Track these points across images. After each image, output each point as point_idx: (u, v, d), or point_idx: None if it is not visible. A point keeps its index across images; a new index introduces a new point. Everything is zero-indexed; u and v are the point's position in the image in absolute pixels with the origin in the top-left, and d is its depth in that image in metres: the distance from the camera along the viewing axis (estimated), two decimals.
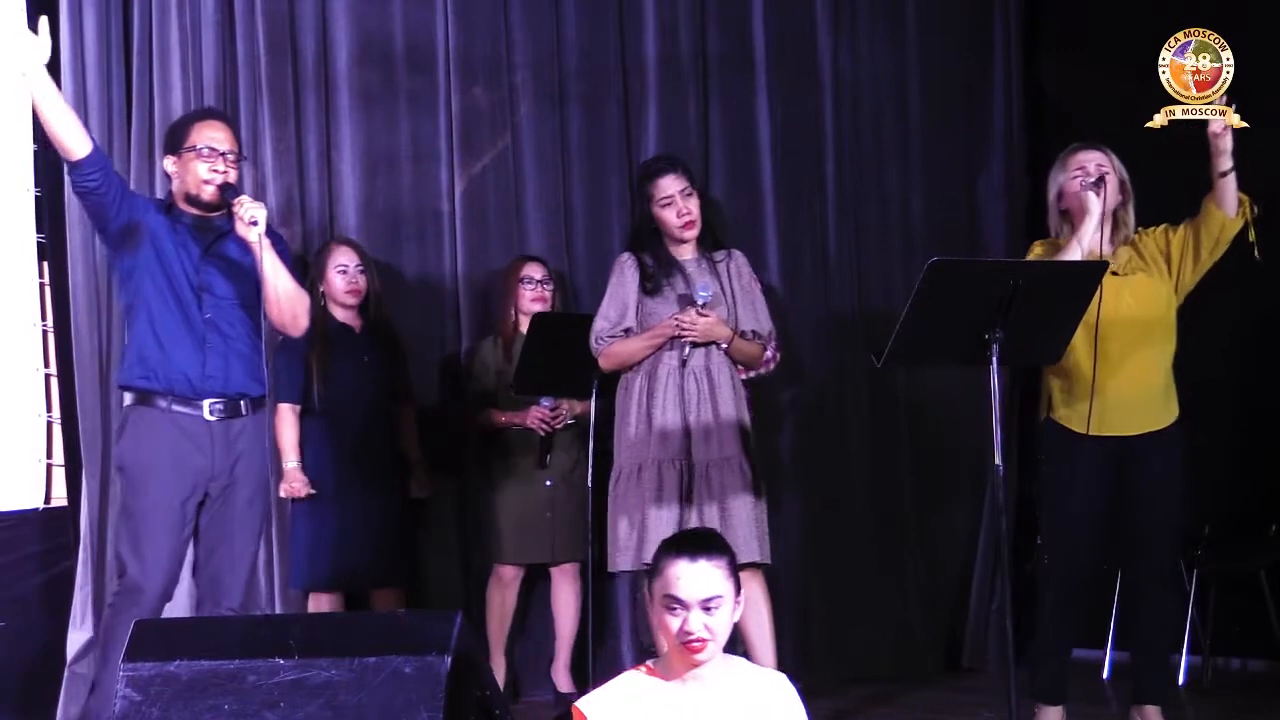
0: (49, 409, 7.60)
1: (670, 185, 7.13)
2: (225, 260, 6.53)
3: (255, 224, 6.27)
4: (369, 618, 7.25)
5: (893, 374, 8.66)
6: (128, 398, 6.62)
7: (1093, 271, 6.62)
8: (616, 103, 8.75)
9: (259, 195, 8.02)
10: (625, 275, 7.16)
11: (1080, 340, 6.72)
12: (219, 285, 6.50)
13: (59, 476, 7.67)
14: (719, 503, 6.94)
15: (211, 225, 6.56)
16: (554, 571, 8.16)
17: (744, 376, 7.37)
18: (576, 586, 8.08)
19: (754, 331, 7.16)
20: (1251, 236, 6.85)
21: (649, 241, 7.18)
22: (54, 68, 7.59)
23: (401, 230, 8.39)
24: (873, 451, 8.94)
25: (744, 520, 6.96)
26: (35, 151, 7.69)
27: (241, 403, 6.53)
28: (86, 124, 7.46)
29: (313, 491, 7.72)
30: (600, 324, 7.14)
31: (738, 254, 7.29)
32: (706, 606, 4.26)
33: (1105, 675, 8.39)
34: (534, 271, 8.14)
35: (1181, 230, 6.87)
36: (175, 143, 6.58)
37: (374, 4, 8.37)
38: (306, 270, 7.90)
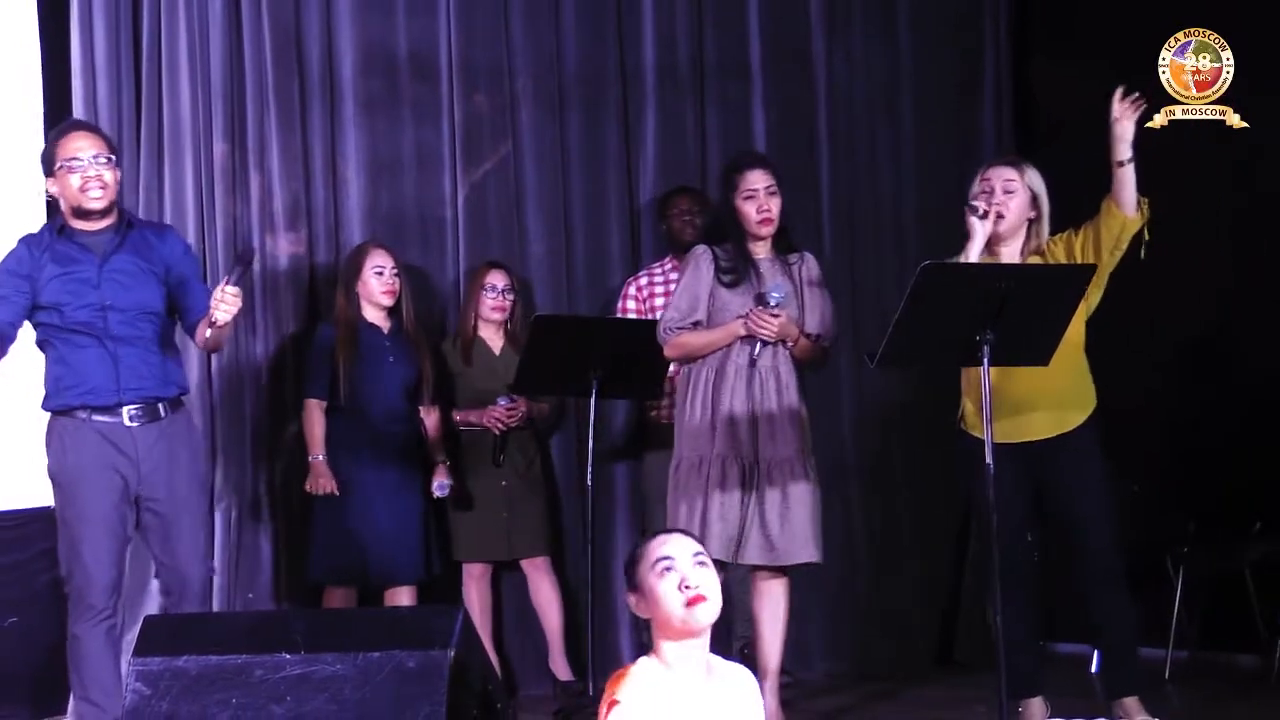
0: None
1: (757, 180, 7.11)
2: (123, 272, 6.55)
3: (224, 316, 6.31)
4: (373, 613, 7.25)
5: (887, 373, 8.64)
6: (48, 415, 6.66)
7: (1081, 275, 6.61)
8: (615, 110, 8.75)
9: (266, 201, 8.04)
10: (700, 268, 7.15)
11: None
12: (121, 298, 6.52)
13: None
14: (780, 500, 6.96)
15: (104, 238, 6.59)
16: (527, 567, 8.14)
17: None
18: (552, 578, 8.12)
19: (818, 334, 7.15)
20: (1147, 236, 6.81)
21: (729, 233, 7.15)
22: (64, 73, 7.65)
23: (405, 234, 8.37)
24: (867, 450, 8.96)
25: (802, 520, 7.01)
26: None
27: (159, 406, 6.57)
28: (96, 127, 7.51)
29: (334, 490, 7.70)
30: (671, 314, 7.13)
31: (809, 257, 7.29)
32: (697, 561, 4.24)
33: (1094, 669, 8.36)
34: (497, 280, 8.14)
35: (1083, 232, 6.83)
36: (48, 164, 6.60)
37: (378, 14, 8.36)
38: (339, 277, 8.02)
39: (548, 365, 7.60)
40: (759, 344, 7.00)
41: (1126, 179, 6.69)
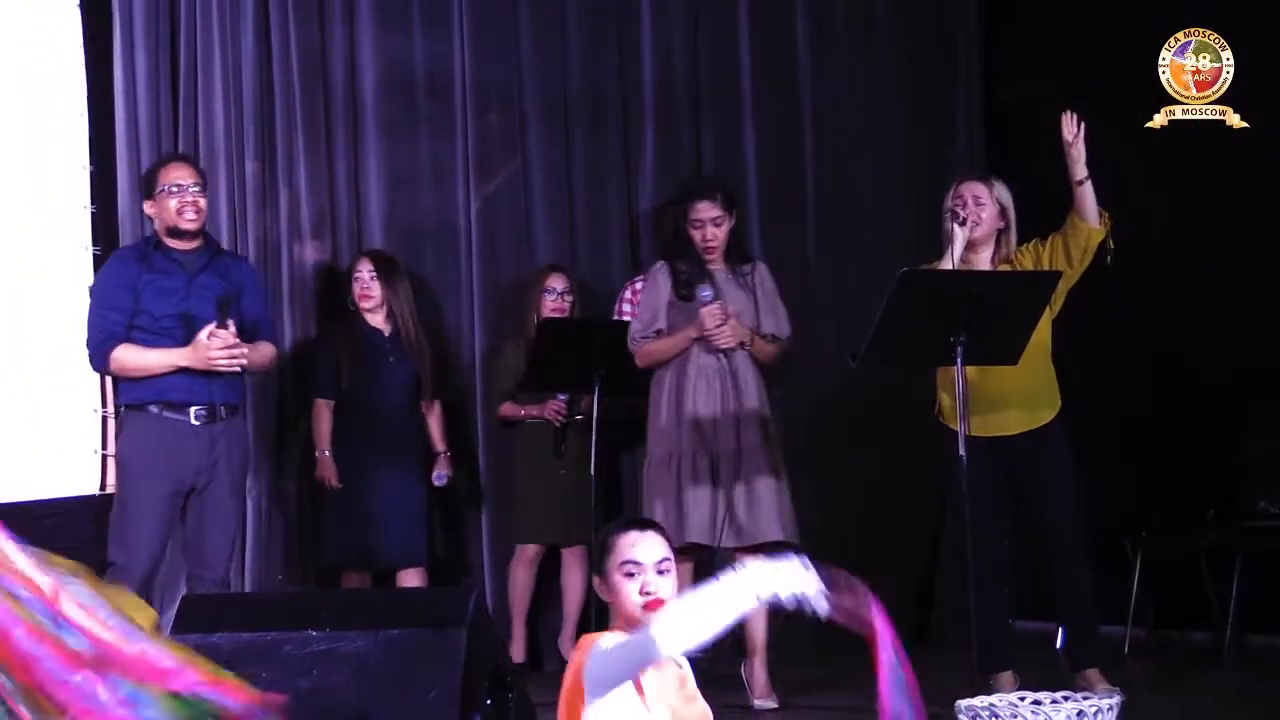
0: (104, 404, 7.63)
1: (704, 210, 7.21)
2: (207, 289, 6.85)
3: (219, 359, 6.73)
4: (393, 594, 7.33)
5: (868, 372, 8.67)
6: (123, 407, 6.97)
7: (1047, 280, 6.67)
8: (616, 127, 8.80)
9: (294, 213, 8.12)
10: (658, 282, 7.28)
11: None
12: (202, 310, 6.80)
13: (112, 467, 7.69)
14: (746, 489, 7.02)
15: (194, 257, 6.92)
16: (565, 553, 8.21)
17: None
18: (584, 567, 8.12)
19: (774, 335, 7.22)
20: (1111, 245, 6.86)
21: (683, 251, 7.23)
22: (108, 98, 7.69)
23: (422, 243, 8.42)
24: (850, 440, 8.98)
25: (768, 503, 7.08)
26: (90, 171, 7.72)
27: (221, 409, 6.84)
28: (138, 147, 7.62)
29: (337, 485, 7.79)
30: (636, 326, 7.27)
31: (761, 265, 7.41)
32: (660, 569, 4.27)
33: (1059, 645, 8.40)
34: (556, 283, 8.20)
35: (1050, 243, 6.90)
36: (149, 188, 6.95)
37: (397, 38, 8.40)
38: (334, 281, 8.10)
39: (554, 365, 7.69)
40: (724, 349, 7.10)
41: (1086, 195, 6.77)
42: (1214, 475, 8.50)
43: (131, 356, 6.80)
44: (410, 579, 7.87)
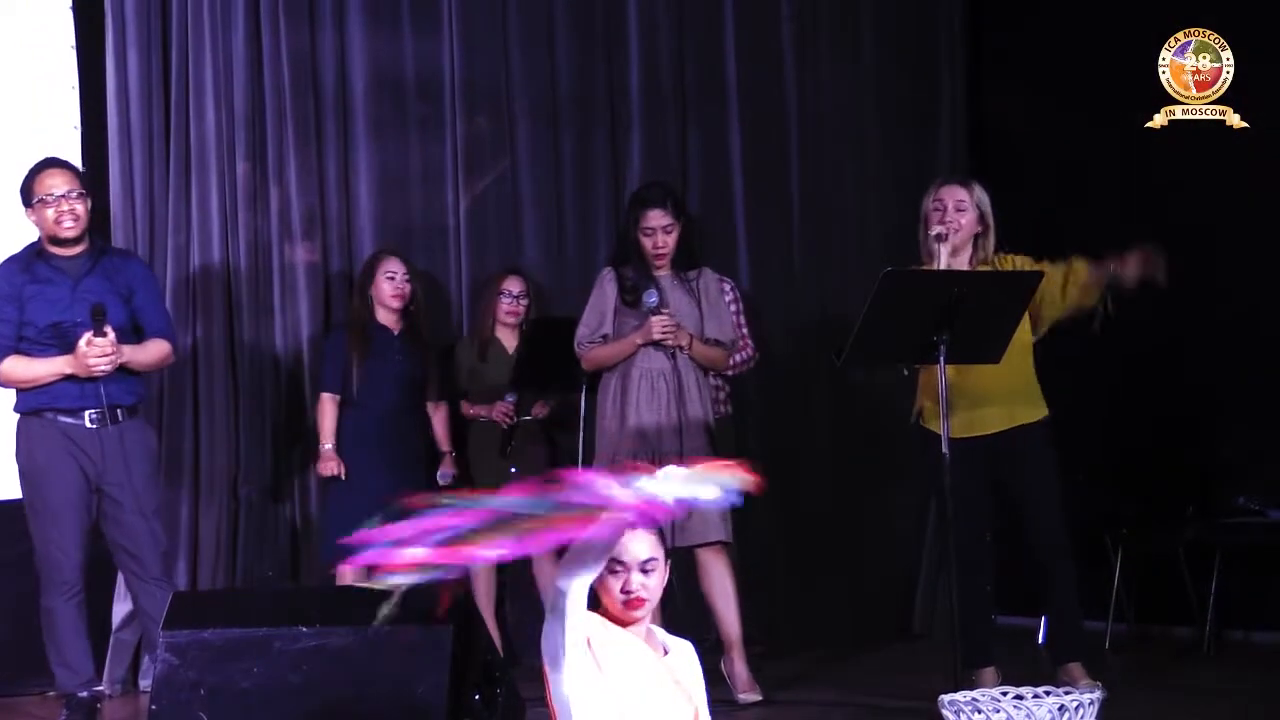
0: None
1: (655, 219, 7.19)
2: (92, 293, 6.76)
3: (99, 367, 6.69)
4: (382, 590, 7.29)
5: (854, 369, 8.69)
6: (18, 416, 6.89)
7: (1029, 281, 6.68)
8: (604, 129, 8.80)
9: (285, 214, 8.12)
10: (605, 288, 7.26)
11: None
12: (86, 318, 6.71)
13: None
14: None
15: (78, 263, 6.83)
16: None
17: (729, 374, 7.57)
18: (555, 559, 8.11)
19: (716, 339, 7.23)
20: (1107, 310, 6.88)
21: (630, 257, 7.25)
22: (101, 100, 7.69)
23: (412, 243, 8.41)
24: (833, 438, 9.00)
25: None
26: (84, 172, 7.70)
27: (118, 411, 6.80)
28: (130, 148, 7.58)
29: (340, 475, 7.77)
30: (582, 330, 7.26)
31: (707, 271, 7.36)
32: (645, 569, 4.28)
33: (1041, 640, 8.41)
34: (513, 286, 8.18)
35: (1049, 275, 6.85)
36: (26, 197, 6.84)
37: (387, 40, 8.40)
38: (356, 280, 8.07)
39: (543, 363, 7.69)
40: (672, 350, 7.11)
41: (1100, 277, 6.79)
42: (1193, 472, 8.51)
43: (19, 368, 6.76)
44: None
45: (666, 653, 4.38)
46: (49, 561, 6.76)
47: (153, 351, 6.96)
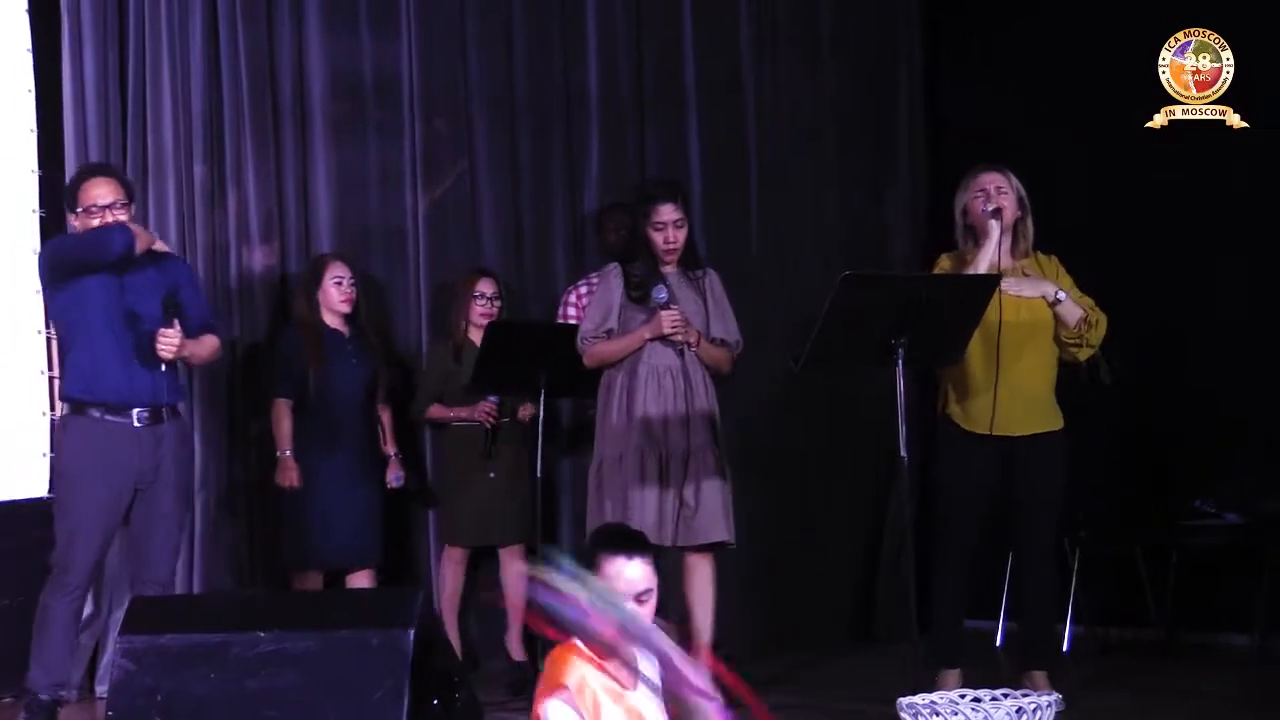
0: (52, 408, 7.58)
1: (666, 214, 7.16)
2: (145, 289, 6.77)
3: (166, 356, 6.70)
4: (339, 595, 7.29)
5: (811, 373, 8.68)
6: (65, 407, 6.89)
7: (987, 284, 6.67)
8: (562, 132, 8.77)
9: (243, 216, 8.07)
10: (611, 284, 7.21)
11: (977, 344, 6.76)
12: (144, 309, 6.74)
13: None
14: (695, 488, 7.00)
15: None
16: (502, 552, 8.16)
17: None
18: (524, 563, 8.09)
19: (722, 339, 7.21)
20: (1104, 373, 6.89)
21: (639, 254, 7.21)
22: (56, 101, 7.64)
23: (371, 246, 8.39)
24: (794, 444, 8.99)
25: (714, 503, 7.04)
26: (39, 175, 7.67)
27: (163, 410, 6.79)
28: (86, 152, 7.53)
29: (297, 485, 7.73)
30: (586, 326, 7.20)
31: (712, 272, 7.34)
32: (640, 599, 4.27)
33: (998, 643, 8.44)
34: (485, 288, 8.16)
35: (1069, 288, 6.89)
36: (71, 203, 6.84)
37: (345, 43, 8.37)
38: (300, 285, 8.02)
39: (501, 366, 7.66)
40: (685, 347, 7.08)
41: (1060, 313, 6.77)
42: (1150, 475, 8.53)
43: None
44: (360, 580, 7.84)
45: (637, 685, 4.37)
46: (66, 560, 6.71)
47: (207, 345, 7.00)
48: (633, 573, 4.29)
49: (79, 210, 6.76)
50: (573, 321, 8.04)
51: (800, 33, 9.29)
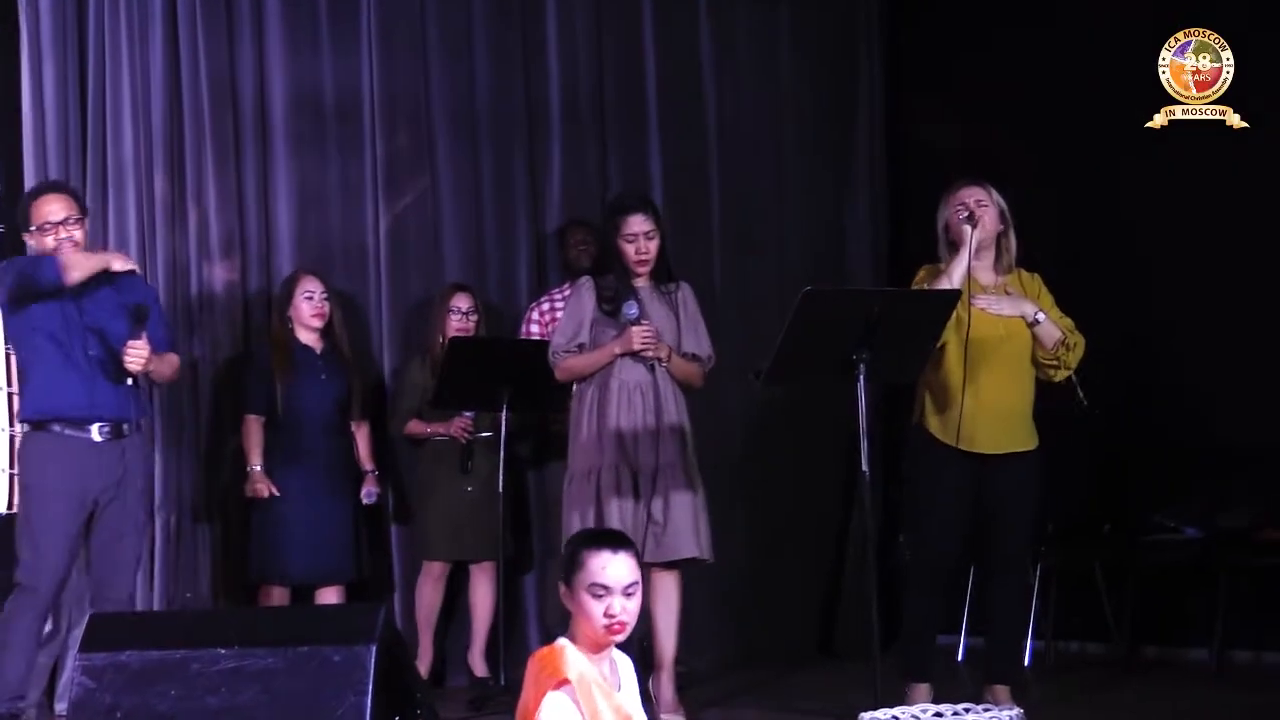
0: (12, 424, 7.54)
1: (637, 225, 7.14)
2: (105, 308, 6.75)
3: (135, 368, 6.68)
4: (301, 610, 7.26)
5: (774, 389, 8.68)
6: (25, 425, 6.86)
7: (947, 300, 6.68)
8: (523, 146, 8.77)
9: (203, 231, 8.05)
10: (583, 297, 7.19)
11: (953, 358, 6.76)
12: (106, 326, 6.71)
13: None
14: (664, 503, 6.99)
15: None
16: (473, 569, 8.16)
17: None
18: (493, 583, 8.08)
19: (694, 354, 7.20)
20: (1080, 397, 6.91)
21: (611, 267, 7.20)
22: (16, 117, 7.60)
23: (331, 262, 8.36)
24: (756, 458, 8.98)
25: (685, 519, 7.05)
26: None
27: (125, 425, 6.76)
28: (45, 166, 7.50)
29: (275, 492, 7.73)
30: (558, 339, 7.18)
31: (685, 286, 7.33)
32: (627, 593, 4.28)
33: (960, 658, 8.44)
34: (461, 302, 8.15)
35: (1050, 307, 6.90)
36: (24, 222, 6.81)
37: (306, 59, 8.35)
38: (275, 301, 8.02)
39: (463, 382, 7.66)
40: (656, 363, 7.06)
41: (1039, 333, 6.79)
42: (1110, 490, 8.55)
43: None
44: (329, 597, 7.82)
45: (619, 687, 4.39)
46: (31, 577, 6.68)
47: (170, 362, 7.01)
48: (619, 565, 4.31)
49: (32, 228, 6.73)
50: (535, 337, 8.04)
51: (760, 45, 9.29)
